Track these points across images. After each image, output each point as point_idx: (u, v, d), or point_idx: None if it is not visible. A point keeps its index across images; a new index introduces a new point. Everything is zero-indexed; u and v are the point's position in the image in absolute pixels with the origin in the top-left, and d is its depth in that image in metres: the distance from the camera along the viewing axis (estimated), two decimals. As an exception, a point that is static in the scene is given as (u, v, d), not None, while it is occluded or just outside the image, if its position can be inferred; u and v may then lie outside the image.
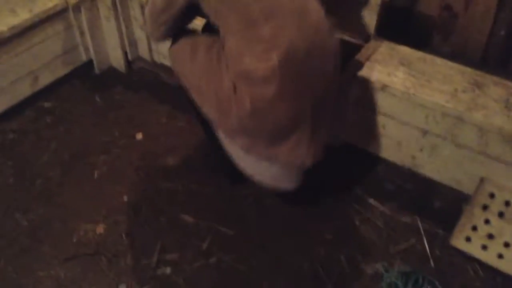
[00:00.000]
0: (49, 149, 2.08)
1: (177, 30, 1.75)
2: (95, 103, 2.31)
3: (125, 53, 2.37)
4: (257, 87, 1.49)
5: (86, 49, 2.32)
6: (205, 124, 1.79)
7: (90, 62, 2.41)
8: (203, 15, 1.66)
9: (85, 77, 2.41)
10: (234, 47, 1.51)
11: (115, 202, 1.89)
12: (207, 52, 1.64)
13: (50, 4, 2.07)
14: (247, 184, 1.94)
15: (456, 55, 2.09)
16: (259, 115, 1.53)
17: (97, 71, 2.42)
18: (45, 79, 2.23)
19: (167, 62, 2.34)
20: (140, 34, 2.31)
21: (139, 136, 2.18)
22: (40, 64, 2.16)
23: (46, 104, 2.27)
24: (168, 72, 2.38)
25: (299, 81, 1.50)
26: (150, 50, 2.35)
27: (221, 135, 1.72)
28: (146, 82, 2.43)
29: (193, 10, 1.62)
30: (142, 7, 2.17)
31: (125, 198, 1.91)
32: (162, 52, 2.31)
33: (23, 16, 2.00)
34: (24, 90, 2.16)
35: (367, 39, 1.96)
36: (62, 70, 2.29)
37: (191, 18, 1.75)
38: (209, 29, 1.79)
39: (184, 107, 2.29)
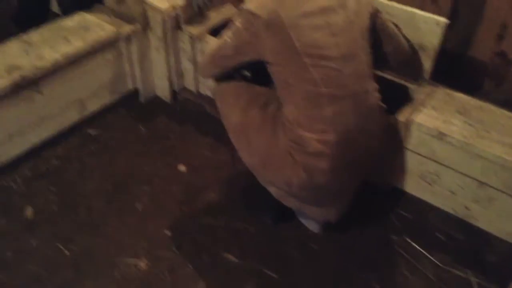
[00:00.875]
0: (93, 178, 2.08)
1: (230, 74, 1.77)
2: (139, 132, 2.31)
3: (171, 84, 2.37)
4: (311, 159, 1.56)
5: (133, 78, 2.33)
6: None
7: (135, 91, 2.42)
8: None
9: (130, 106, 2.42)
10: (294, 117, 1.56)
11: (157, 236, 1.87)
12: (262, 108, 1.68)
13: (103, 34, 2.09)
14: (291, 225, 1.91)
15: (510, 103, 2.04)
16: (308, 184, 1.60)
17: (142, 100, 2.43)
18: (92, 107, 2.24)
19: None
20: (187, 66, 2.32)
21: (182, 168, 2.16)
22: (88, 92, 2.18)
23: (91, 131, 2.28)
24: (213, 105, 2.37)
25: (349, 157, 1.59)
26: (196, 81, 2.35)
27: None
28: (190, 113, 2.42)
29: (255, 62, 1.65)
30: (191, 38, 2.18)
31: (168, 233, 1.88)
32: (208, 84, 2.31)
33: (76, 44, 2.02)
34: (71, 117, 2.17)
35: (421, 83, 1.93)
36: (109, 98, 2.30)
37: (249, 68, 1.76)
38: (257, 74, 1.81)
39: (227, 141, 2.30)
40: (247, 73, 1.88)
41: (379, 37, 1.64)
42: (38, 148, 2.12)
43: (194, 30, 2.18)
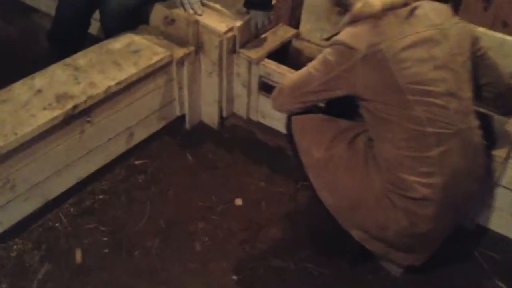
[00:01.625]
0: (143, 214, 1.89)
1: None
2: (187, 162, 2.14)
3: (220, 109, 2.21)
4: (415, 205, 1.41)
5: (181, 104, 2.16)
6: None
7: (181, 117, 2.25)
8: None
9: (175, 133, 2.24)
10: (394, 158, 1.41)
11: (223, 282, 1.69)
12: (349, 144, 1.53)
13: (155, 58, 1.93)
14: (370, 268, 1.75)
15: None
16: (409, 231, 1.45)
17: (187, 126, 2.26)
18: (140, 135, 2.06)
19: (265, 121, 2.17)
20: (239, 91, 2.16)
21: (238, 201, 1.99)
22: (137, 120, 2.00)
23: (137, 162, 2.09)
24: (266, 132, 2.22)
25: (453, 202, 1.46)
26: (248, 107, 2.19)
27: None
28: (239, 140, 2.25)
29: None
30: (248, 62, 2.03)
31: (234, 277, 1.70)
32: (262, 110, 2.15)
33: (128, 70, 1.85)
34: (118, 147, 1.99)
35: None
36: (156, 125, 2.13)
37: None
38: (333, 105, 1.66)
39: (283, 171, 2.14)
40: (321, 104, 1.73)
41: (479, 68, 1.50)
42: (83, 182, 1.94)
43: (252, 53, 2.02)
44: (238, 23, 1.99)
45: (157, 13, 2.06)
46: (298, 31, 2.20)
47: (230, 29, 1.98)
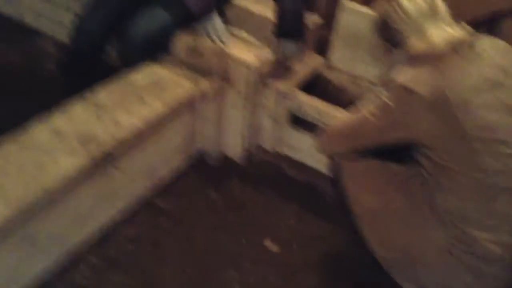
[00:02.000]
0: (173, 263, 1.74)
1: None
2: (213, 200, 2.00)
3: (245, 143, 2.08)
4: (483, 263, 1.29)
5: (205, 138, 2.03)
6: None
7: (204, 152, 2.11)
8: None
9: (198, 169, 2.09)
10: (458, 210, 1.30)
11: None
12: (405, 192, 1.40)
13: (182, 92, 1.79)
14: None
15: None
16: None
17: (211, 162, 2.12)
18: (163, 174, 1.92)
19: (294, 155, 2.06)
20: (266, 123, 2.03)
21: (270, 244, 1.86)
22: (161, 158, 1.86)
23: (161, 203, 1.93)
24: (294, 166, 2.09)
25: None
26: (275, 140, 2.07)
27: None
28: (266, 176, 2.12)
29: None
30: (278, 95, 1.90)
31: (279, 334, 1.58)
32: (290, 144, 2.03)
33: (155, 106, 1.71)
34: (142, 189, 1.84)
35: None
36: (179, 162, 1.99)
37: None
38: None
39: (314, 209, 2.01)
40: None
41: None
42: (107, 230, 1.78)
43: (282, 85, 1.91)
44: (268, 54, 1.88)
45: (181, 42, 1.93)
46: (327, 59, 2.09)
47: (259, 60, 1.86)
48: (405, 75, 1.30)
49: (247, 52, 1.87)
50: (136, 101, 1.73)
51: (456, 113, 1.24)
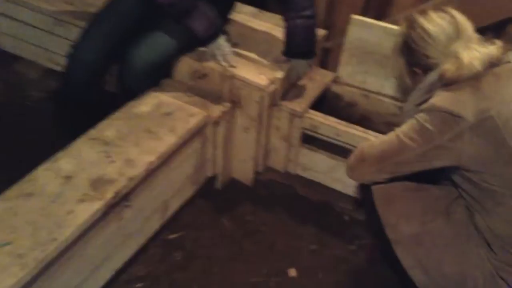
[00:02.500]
0: (192, 301, 1.66)
1: None
2: (225, 228, 1.90)
3: (256, 165, 1.99)
4: None
5: (214, 164, 1.93)
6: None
7: (212, 177, 2.02)
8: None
9: (207, 196, 1.99)
10: (508, 235, 1.25)
11: None
12: (446, 216, 1.34)
13: (192, 121, 1.68)
14: None
15: None
16: None
17: (219, 186, 2.03)
18: (174, 206, 1.81)
19: (307, 175, 1.98)
20: (277, 144, 1.95)
21: (292, 272, 1.78)
22: (172, 190, 1.75)
23: (171, 236, 1.83)
24: (307, 186, 2.02)
25: None
26: (285, 160, 1.98)
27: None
28: (278, 197, 2.04)
29: None
30: (291, 115, 1.82)
31: None
32: (303, 163, 1.95)
33: (166, 139, 1.60)
34: (153, 225, 1.73)
35: None
36: (189, 191, 1.88)
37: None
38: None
39: (332, 229, 1.92)
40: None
41: None
42: (118, 271, 1.67)
43: (295, 106, 1.82)
44: (279, 75, 1.79)
45: (184, 66, 1.83)
46: (337, 74, 2.01)
47: (270, 81, 1.77)
48: (444, 99, 1.24)
49: (257, 73, 1.78)
50: (146, 134, 1.62)
51: (503, 135, 1.19)
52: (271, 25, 2.06)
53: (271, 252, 1.84)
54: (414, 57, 1.36)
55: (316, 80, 1.95)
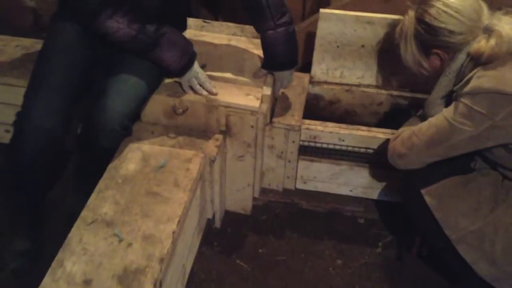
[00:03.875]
0: None
1: None
2: (242, 269, 1.70)
3: (253, 191, 1.80)
4: None
5: (213, 204, 1.70)
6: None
7: (210, 218, 1.79)
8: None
9: (209, 240, 1.76)
10: None
11: None
12: (501, 203, 1.31)
13: (194, 167, 1.43)
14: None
15: None
16: None
17: (217, 225, 1.80)
18: (189, 267, 1.56)
19: (307, 186, 1.85)
20: (273, 164, 1.77)
21: (330, 295, 1.66)
22: (187, 251, 1.51)
23: (192, 298, 1.60)
24: (310, 198, 1.88)
25: None
26: (283, 177, 1.82)
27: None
28: (283, 218, 1.87)
29: None
30: (287, 131, 1.65)
31: None
32: (302, 176, 1.80)
33: (175, 197, 1.33)
34: (176, 295, 1.48)
35: None
36: (197, 244, 1.64)
37: None
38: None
39: (352, 237, 1.81)
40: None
41: None
42: None
43: (290, 120, 1.66)
44: (267, 91, 1.60)
45: (158, 105, 1.56)
46: (311, 74, 1.87)
47: (257, 100, 1.58)
48: (491, 80, 1.19)
49: (243, 95, 1.58)
50: (150, 199, 1.34)
51: None
52: (227, 36, 1.85)
53: (300, 281, 1.68)
54: (434, 36, 1.29)
55: (295, 86, 1.80)
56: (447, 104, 1.34)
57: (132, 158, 1.46)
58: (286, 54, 1.56)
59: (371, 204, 1.88)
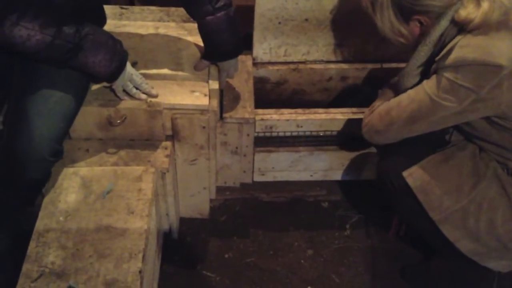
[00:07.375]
0: None
1: None
2: (210, 280, 1.55)
3: (211, 194, 1.63)
4: None
5: (169, 217, 1.52)
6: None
7: (166, 231, 1.60)
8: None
9: (169, 256, 1.58)
10: None
11: None
12: (483, 177, 1.26)
13: (146, 186, 1.24)
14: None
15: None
16: None
17: (175, 236, 1.62)
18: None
19: (266, 178, 1.71)
20: (227, 161, 1.61)
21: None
22: (152, 276, 1.32)
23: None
24: (269, 189, 1.76)
25: None
26: (239, 173, 1.67)
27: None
28: (245, 215, 1.72)
29: None
30: (241, 125, 1.48)
31: None
32: (259, 168, 1.66)
33: (133, 227, 1.14)
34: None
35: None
36: (158, 265, 1.45)
37: None
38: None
39: (319, 223, 1.72)
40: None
41: None
42: None
43: (242, 112, 1.49)
44: (214, 85, 1.41)
45: (89, 117, 1.31)
46: (253, 56, 1.70)
47: (204, 96, 1.39)
48: (476, 50, 1.10)
49: (188, 93, 1.38)
50: (103, 235, 1.13)
51: None
52: (153, 23, 1.61)
53: (274, 281, 1.57)
54: (415, 0, 1.16)
55: (244, 72, 1.62)
56: (424, 74, 1.24)
57: (70, 187, 1.23)
58: (230, 41, 1.37)
59: (333, 186, 1.79)
